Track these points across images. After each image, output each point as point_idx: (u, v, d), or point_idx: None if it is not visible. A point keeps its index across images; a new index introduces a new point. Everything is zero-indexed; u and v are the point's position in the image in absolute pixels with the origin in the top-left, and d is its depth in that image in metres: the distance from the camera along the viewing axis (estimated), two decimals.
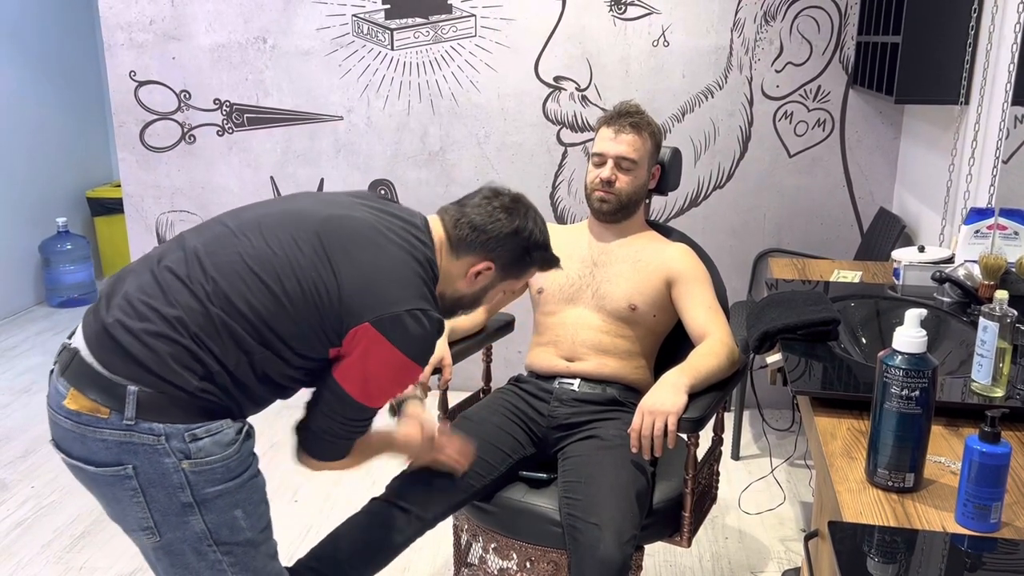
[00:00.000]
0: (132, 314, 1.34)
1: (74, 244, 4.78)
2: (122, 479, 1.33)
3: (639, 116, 1.98)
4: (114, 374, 1.31)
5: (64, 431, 1.36)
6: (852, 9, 3.09)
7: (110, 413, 1.31)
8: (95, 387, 1.32)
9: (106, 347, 1.33)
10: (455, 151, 3.38)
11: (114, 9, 3.37)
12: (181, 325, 1.33)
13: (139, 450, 1.31)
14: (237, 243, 1.40)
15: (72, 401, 1.33)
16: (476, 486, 1.80)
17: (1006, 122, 2.12)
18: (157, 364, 1.31)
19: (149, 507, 1.34)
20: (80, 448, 1.34)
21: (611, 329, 1.97)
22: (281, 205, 1.51)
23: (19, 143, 4.64)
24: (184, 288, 1.36)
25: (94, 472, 1.34)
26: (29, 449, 3.15)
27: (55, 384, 1.37)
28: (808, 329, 1.68)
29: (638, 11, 3.17)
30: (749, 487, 2.84)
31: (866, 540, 1.08)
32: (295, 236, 1.40)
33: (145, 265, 1.42)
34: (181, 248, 1.42)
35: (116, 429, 1.31)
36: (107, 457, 1.32)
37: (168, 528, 1.36)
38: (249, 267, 1.37)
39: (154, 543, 1.37)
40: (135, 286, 1.38)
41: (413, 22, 3.27)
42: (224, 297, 1.35)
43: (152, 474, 1.33)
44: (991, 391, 1.42)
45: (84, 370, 1.33)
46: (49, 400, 1.39)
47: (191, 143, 3.48)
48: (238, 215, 1.48)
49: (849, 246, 3.27)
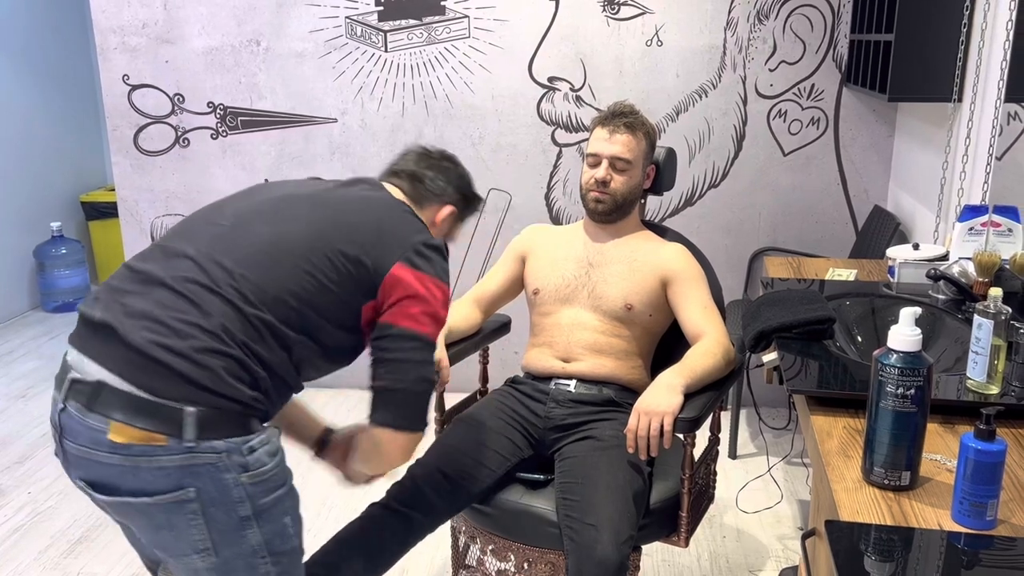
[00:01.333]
0: (169, 333, 1.27)
1: (69, 248, 4.77)
2: (182, 504, 1.27)
3: (633, 116, 1.98)
4: (165, 399, 1.25)
5: (107, 468, 1.26)
6: (845, 8, 3.09)
7: (167, 439, 1.24)
8: (144, 415, 1.24)
9: (149, 372, 1.25)
10: (450, 152, 3.37)
11: (106, 13, 3.36)
12: (228, 335, 1.29)
13: (201, 471, 1.26)
14: (247, 235, 1.38)
15: (118, 435, 1.24)
16: (475, 490, 1.80)
17: (999, 119, 2.13)
18: (212, 381, 1.27)
19: (208, 527, 1.29)
20: (132, 481, 1.26)
21: (607, 329, 1.97)
22: (263, 194, 1.49)
23: (12, 148, 4.63)
24: (215, 296, 1.31)
25: (148, 503, 1.27)
26: (25, 455, 3.14)
27: (83, 422, 1.26)
28: (804, 328, 1.68)
29: (631, 11, 3.17)
30: (746, 486, 2.85)
31: (863, 538, 1.08)
32: (297, 215, 1.42)
33: (147, 280, 1.34)
34: (183, 256, 1.36)
35: (176, 454, 1.25)
36: (166, 484, 1.26)
37: (225, 546, 1.31)
38: (272, 254, 1.36)
39: (209, 564, 1.32)
40: (153, 304, 1.30)
41: (406, 24, 3.26)
42: (260, 291, 1.33)
43: (213, 493, 1.28)
44: (986, 388, 1.42)
45: (125, 400, 1.25)
46: (74, 438, 1.28)
47: (185, 146, 3.48)
48: (222, 212, 1.45)
49: (844, 244, 3.27)
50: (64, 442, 1.31)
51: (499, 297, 2.12)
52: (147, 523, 1.31)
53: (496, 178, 3.39)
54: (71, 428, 1.28)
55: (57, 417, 1.31)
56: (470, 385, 2.25)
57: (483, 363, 2.24)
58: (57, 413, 1.31)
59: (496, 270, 2.13)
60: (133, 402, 1.25)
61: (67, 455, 1.32)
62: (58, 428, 1.31)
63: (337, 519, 2.61)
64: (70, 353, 1.34)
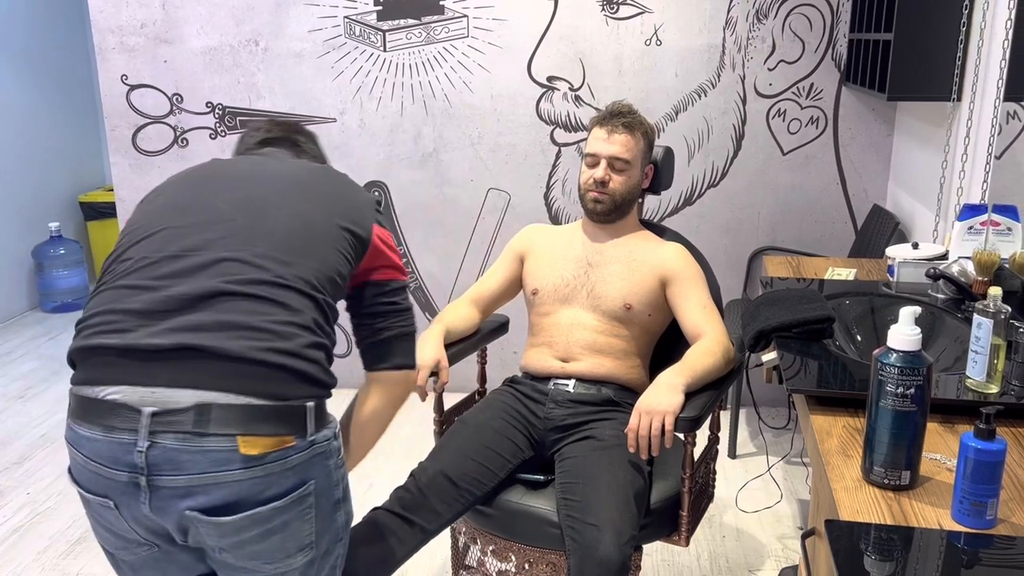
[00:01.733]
0: (271, 336, 1.26)
1: (67, 249, 4.77)
2: (302, 499, 1.28)
3: (631, 116, 1.98)
4: (287, 400, 1.25)
5: (238, 484, 1.22)
6: (844, 7, 3.09)
7: (295, 439, 1.26)
8: (270, 421, 1.23)
9: (264, 378, 1.24)
10: (448, 152, 3.38)
11: (105, 13, 3.36)
12: (317, 326, 1.32)
13: (315, 462, 1.29)
14: (270, 225, 1.37)
15: (250, 447, 1.21)
16: (478, 493, 1.79)
17: (998, 118, 2.13)
18: (320, 372, 1.30)
19: (316, 519, 1.31)
20: (262, 491, 1.24)
21: (606, 329, 1.97)
22: (237, 184, 1.45)
23: (11, 148, 4.63)
24: (290, 291, 1.31)
25: (273, 508, 1.25)
26: (24, 455, 3.14)
27: (199, 449, 1.20)
28: (803, 327, 1.68)
29: (630, 10, 3.17)
30: (746, 485, 2.85)
31: (863, 538, 1.08)
32: (296, 197, 1.44)
33: (193, 294, 1.28)
34: (223, 260, 1.31)
35: (302, 451, 1.27)
36: (293, 482, 1.27)
37: (322, 534, 1.33)
38: (306, 237, 1.38)
39: (308, 559, 1.32)
40: (230, 313, 1.26)
41: (405, 23, 3.26)
42: (319, 275, 1.35)
43: (323, 481, 1.31)
44: (986, 388, 1.42)
45: (243, 413, 1.22)
46: (182, 470, 1.21)
47: (184, 147, 3.47)
48: (209, 205, 1.40)
49: (843, 243, 3.27)
50: (158, 479, 1.22)
51: (498, 297, 2.12)
52: (261, 532, 1.26)
53: (495, 178, 3.38)
54: (176, 461, 1.21)
55: (142, 457, 1.21)
56: (468, 385, 2.25)
57: (481, 363, 2.24)
58: (140, 453, 1.21)
59: (495, 270, 2.13)
60: (254, 412, 1.23)
61: (158, 492, 1.23)
62: (141, 468, 1.21)
63: None
64: (108, 391, 1.23)
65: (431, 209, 3.45)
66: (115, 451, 1.23)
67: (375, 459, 3.03)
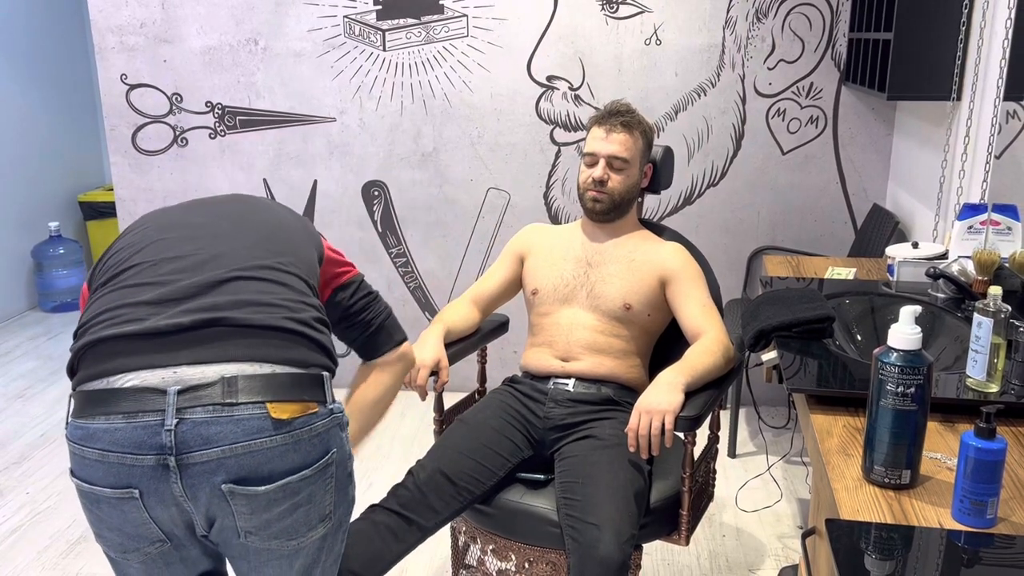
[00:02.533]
0: (285, 310, 1.34)
1: (66, 248, 4.77)
2: (326, 468, 1.32)
3: (630, 115, 1.97)
4: (308, 368, 1.31)
5: (269, 452, 1.25)
6: (843, 6, 3.09)
7: (318, 406, 1.31)
8: (296, 388, 1.29)
9: (286, 346, 1.30)
10: (448, 151, 3.38)
11: (104, 12, 3.36)
12: (317, 309, 1.39)
13: (333, 431, 1.34)
14: (251, 226, 1.47)
15: (280, 411, 1.25)
16: (476, 492, 1.79)
17: (998, 117, 2.13)
18: (329, 344, 1.37)
19: (336, 489, 1.35)
20: (292, 459, 1.27)
21: (606, 328, 1.97)
22: (202, 209, 1.54)
23: (10, 147, 4.63)
24: (291, 276, 1.39)
25: (303, 477, 1.29)
26: (24, 455, 3.13)
27: (230, 418, 1.23)
28: (803, 327, 1.68)
29: (630, 10, 3.17)
30: (746, 485, 2.85)
31: (863, 537, 1.08)
32: (257, 210, 1.54)
33: (206, 281, 1.33)
34: (222, 255, 1.37)
35: (325, 419, 1.32)
36: (319, 451, 1.31)
37: (339, 505, 1.37)
38: (281, 233, 1.46)
39: (326, 530, 1.36)
40: (245, 293, 1.33)
41: (405, 23, 3.26)
42: (307, 267, 1.44)
43: (341, 451, 1.36)
44: (986, 387, 1.42)
45: (269, 382, 1.26)
46: (213, 443, 1.22)
47: (183, 146, 3.47)
48: (189, 223, 1.46)
49: (843, 243, 3.27)
50: (189, 456, 1.22)
51: (497, 297, 2.12)
52: (289, 506, 1.29)
53: (495, 177, 3.38)
54: (207, 434, 1.22)
55: (170, 436, 1.21)
56: (468, 385, 2.25)
57: (481, 363, 2.24)
58: (169, 432, 1.21)
59: (494, 270, 2.13)
60: (280, 379, 1.28)
61: (190, 470, 1.23)
62: (170, 448, 1.22)
63: None
64: (126, 378, 1.25)
65: (431, 209, 3.45)
66: (139, 436, 1.22)
67: (375, 458, 3.04)
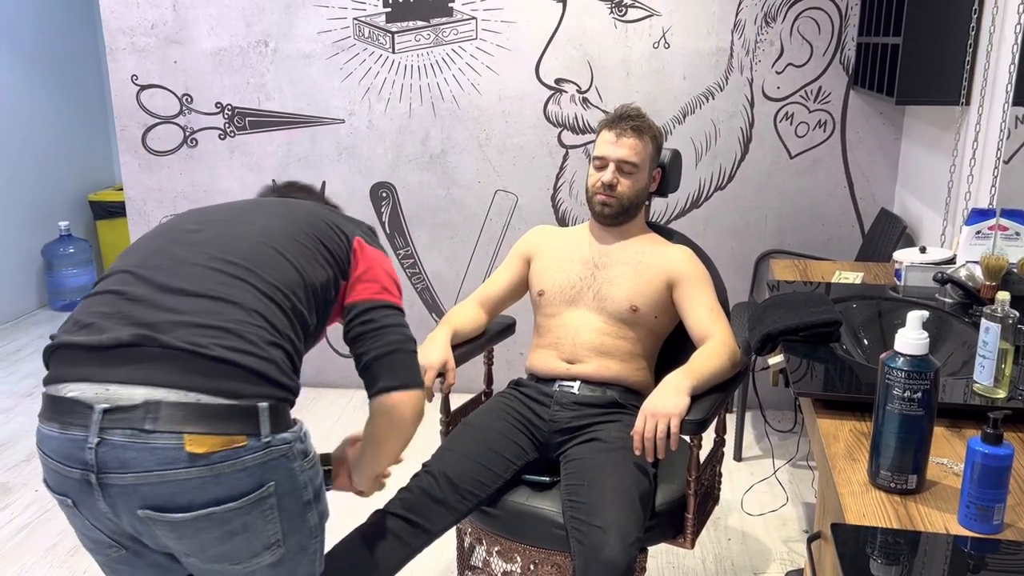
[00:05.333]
0: (224, 334, 1.27)
1: (76, 248, 4.79)
2: (262, 500, 1.27)
3: (640, 119, 1.98)
4: (239, 399, 1.24)
5: (184, 483, 1.21)
6: (852, 10, 3.09)
7: (247, 439, 1.24)
8: (220, 420, 1.22)
9: (219, 374, 1.24)
10: (456, 154, 3.38)
11: (116, 13, 3.38)
12: (275, 329, 1.32)
13: (276, 464, 1.27)
14: (233, 234, 1.41)
15: (196, 445, 1.20)
16: (481, 495, 1.80)
17: (1007, 123, 2.12)
18: (277, 372, 1.29)
19: (281, 519, 1.30)
20: (212, 491, 1.23)
21: (612, 331, 1.97)
22: (207, 212, 1.53)
23: (21, 147, 4.65)
24: (248, 292, 1.32)
25: (228, 509, 1.24)
26: (32, 452, 3.15)
27: (144, 446, 1.20)
28: (810, 330, 1.68)
29: (639, 13, 3.18)
30: (751, 488, 2.85)
31: (869, 542, 1.08)
32: (265, 214, 1.49)
33: (156, 295, 1.31)
34: (188, 264, 1.34)
35: (256, 452, 1.25)
36: (248, 485, 1.25)
37: (291, 533, 1.33)
38: (270, 243, 1.40)
39: (276, 558, 1.32)
40: (187, 312, 1.28)
41: (414, 25, 3.27)
42: (283, 278, 1.36)
43: (287, 484, 1.29)
44: (993, 392, 1.42)
45: (192, 411, 1.21)
46: (130, 468, 1.20)
47: (193, 147, 3.49)
48: (180, 228, 1.45)
49: (850, 247, 3.27)
50: (108, 477, 1.22)
51: (504, 298, 2.13)
52: (221, 534, 1.26)
53: (502, 179, 3.39)
54: (123, 459, 1.21)
55: (91, 454, 1.21)
56: (475, 386, 2.25)
57: (488, 364, 2.24)
58: (90, 450, 1.20)
59: (501, 271, 2.14)
60: (203, 410, 1.22)
61: (110, 490, 1.22)
62: (92, 466, 1.21)
63: (341, 519, 2.60)
64: (71, 388, 1.24)
65: (438, 210, 3.46)
66: (68, 448, 1.23)
67: None
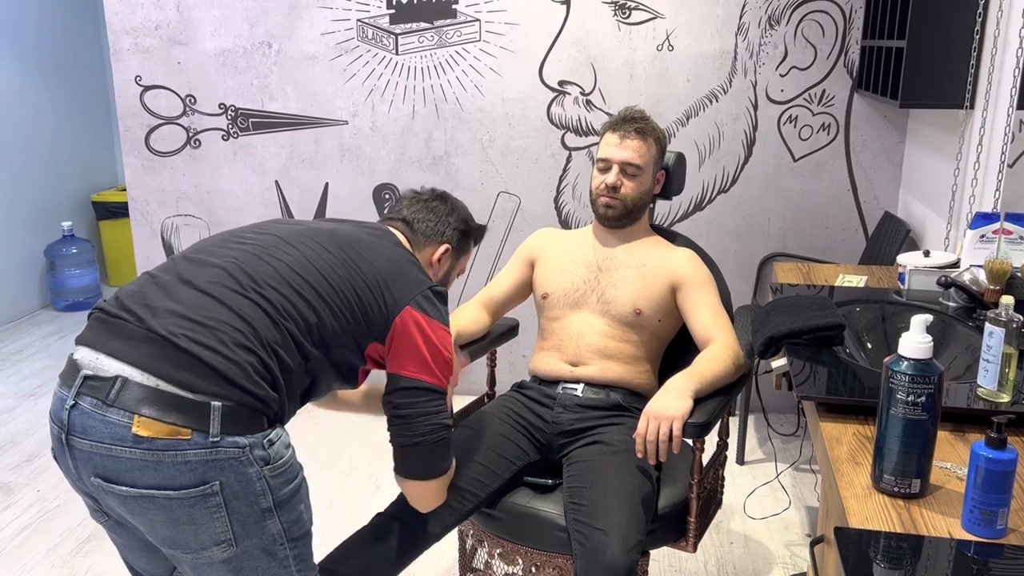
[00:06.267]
0: (200, 329, 1.31)
1: (79, 248, 4.79)
2: (206, 497, 1.29)
3: (644, 122, 1.98)
4: (193, 392, 1.28)
5: (127, 462, 1.27)
6: (857, 13, 3.09)
7: (192, 433, 1.27)
8: (170, 409, 1.26)
9: (178, 365, 1.28)
10: (459, 155, 3.38)
11: (120, 14, 3.38)
12: (256, 336, 1.34)
13: (224, 465, 1.29)
14: (272, 255, 1.45)
15: (143, 428, 1.25)
16: (481, 495, 1.79)
17: (1011, 126, 2.12)
18: (241, 376, 1.31)
19: (230, 520, 1.31)
20: (153, 476, 1.27)
21: (616, 334, 1.97)
22: (283, 225, 1.57)
23: (25, 147, 4.66)
24: (245, 299, 1.37)
25: (170, 497, 1.28)
26: (34, 453, 3.15)
27: (102, 418, 1.27)
28: (813, 334, 1.68)
29: (642, 15, 3.18)
30: (754, 492, 2.84)
31: (872, 546, 1.08)
32: (318, 246, 1.49)
33: (172, 284, 1.39)
34: (210, 265, 1.42)
35: (200, 448, 1.27)
36: (190, 479, 1.28)
37: (246, 536, 1.34)
38: (295, 277, 1.42)
39: (228, 555, 1.34)
40: (181, 303, 1.35)
41: (418, 27, 3.27)
42: (286, 304, 1.39)
43: (236, 487, 1.31)
44: (997, 397, 1.42)
45: (149, 395, 1.27)
46: (88, 435, 1.28)
47: (196, 147, 3.49)
48: (244, 235, 1.52)
49: (854, 250, 3.27)
50: (72, 439, 1.30)
51: (507, 301, 2.13)
52: (166, 518, 1.30)
53: (505, 181, 3.39)
54: (84, 425, 1.28)
55: (66, 415, 1.30)
56: (477, 388, 2.25)
57: (491, 366, 2.24)
58: (66, 410, 1.30)
59: (505, 274, 2.14)
60: (158, 396, 1.27)
61: (74, 452, 1.31)
62: (65, 426, 1.30)
63: (344, 521, 2.61)
64: (79, 352, 1.35)
65: None
66: (57, 405, 1.34)
67: (382, 459, 3.04)
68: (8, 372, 3.94)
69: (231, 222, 3.51)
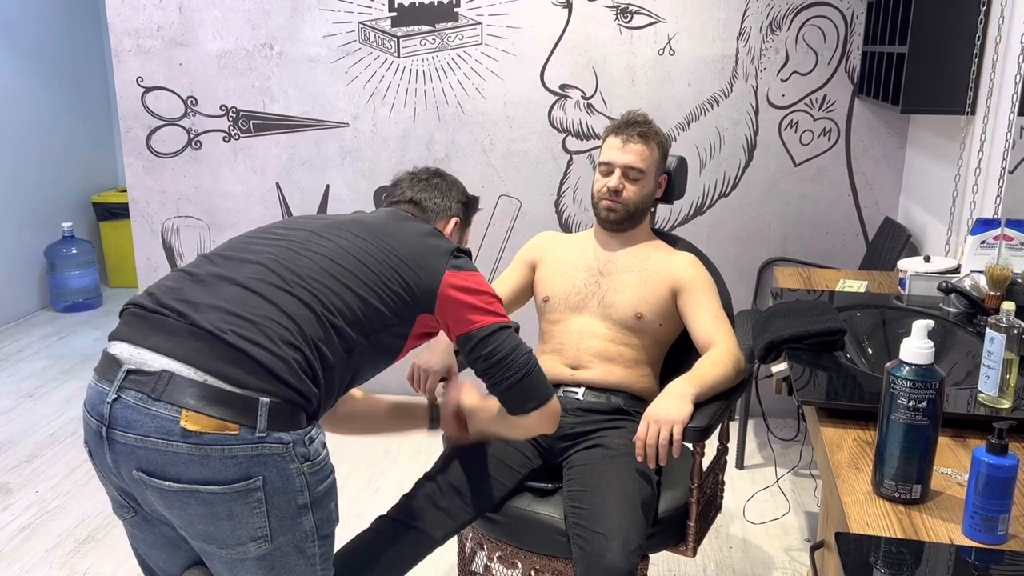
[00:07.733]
0: (247, 325, 1.32)
1: (79, 249, 4.79)
2: (248, 492, 1.30)
3: (647, 126, 1.98)
4: (242, 388, 1.28)
5: (173, 456, 1.27)
6: (858, 19, 3.09)
7: (240, 429, 1.27)
8: (219, 404, 1.27)
9: (227, 360, 1.29)
10: (460, 158, 3.39)
11: (122, 16, 3.39)
12: (300, 333, 1.35)
13: (268, 460, 1.30)
14: (309, 248, 1.47)
15: (191, 422, 1.26)
16: (484, 502, 1.79)
17: (1012, 132, 2.12)
18: (288, 372, 1.32)
19: (269, 515, 1.32)
20: (199, 470, 1.27)
21: (617, 337, 1.97)
22: (307, 220, 1.59)
23: (26, 148, 4.66)
24: (289, 295, 1.38)
25: (213, 492, 1.28)
26: (33, 453, 3.15)
27: (148, 411, 1.27)
28: (814, 339, 1.68)
29: (644, 20, 3.18)
30: (754, 496, 2.84)
31: (872, 552, 1.08)
32: (350, 235, 1.52)
33: (212, 280, 1.40)
34: (250, 262, 1.43)
35: (247, 443, 1.28)
36: (235, 473, 1.28)
37: (281, 532, 1.35)
38: (336, 266, 1.45)
39: (262, 551, 1.35)
40: (226, 299, 1.36)
41: (419, 30, 3.28)
42: (331, 295, 1.41)
43: (278, 482, 1.32)
44: (998, 402, 1.42)
45: (198, 389, 1.27)
46: (132, 428, 1.28)
47: (197, 149, 3.49)
48: (273, 231, 1.54)
49: (854, 255, 3.27)
50: (114, 433, 1.29)
51: (508, 304, 2.12)
52: (206, 513, 1.30)
53: (506, 185, 3.39)
54: (129, 419, 1.28)
55: (107, 408, 1.29)
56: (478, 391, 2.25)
57: None
58: (107, 404, 1.29)
59: (505, 277, 2.13)
60: (207, 391, 1.27)
61: (115, 446, 1.30)
62: (106, 420, 1.30)
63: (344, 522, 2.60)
64: (116, 347, 1.34)
65: None
66: (95, 399, 1.33)
67: (382, 462, 3.05)
68: (7, 373, 3.94)
69: (231, 224, 3.51)
